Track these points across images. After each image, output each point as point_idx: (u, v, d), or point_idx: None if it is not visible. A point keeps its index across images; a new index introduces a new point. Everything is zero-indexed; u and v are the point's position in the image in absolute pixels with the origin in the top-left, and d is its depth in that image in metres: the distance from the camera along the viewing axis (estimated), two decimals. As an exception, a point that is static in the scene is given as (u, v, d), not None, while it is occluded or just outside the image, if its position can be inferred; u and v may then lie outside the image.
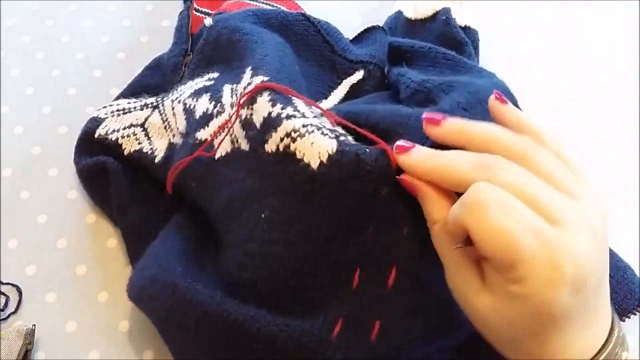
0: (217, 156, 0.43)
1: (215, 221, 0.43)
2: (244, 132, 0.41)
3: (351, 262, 0.36)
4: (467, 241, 0.31)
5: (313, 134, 0.37)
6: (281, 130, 0.38)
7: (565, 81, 0.62)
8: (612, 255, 0.46)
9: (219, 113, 0.44)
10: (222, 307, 0.36)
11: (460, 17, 0.60)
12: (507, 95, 0.39)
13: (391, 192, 0.35)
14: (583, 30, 0.66)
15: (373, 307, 0.35)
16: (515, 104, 0.41)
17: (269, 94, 0.40)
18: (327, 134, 0.37)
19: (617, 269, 0.45)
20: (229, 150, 0.42)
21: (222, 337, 0.36)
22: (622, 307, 0.43)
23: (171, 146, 0.48)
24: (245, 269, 0.39)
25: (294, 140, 0.37)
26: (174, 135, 0.48)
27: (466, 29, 0.59)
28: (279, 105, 0.39)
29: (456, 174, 0.31)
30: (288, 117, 0.38)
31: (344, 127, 0.39)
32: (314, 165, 0.36)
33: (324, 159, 0.36)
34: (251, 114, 0.41)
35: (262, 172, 0.39)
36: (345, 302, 0.35)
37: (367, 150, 0.35)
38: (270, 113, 0.39)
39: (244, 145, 0.41)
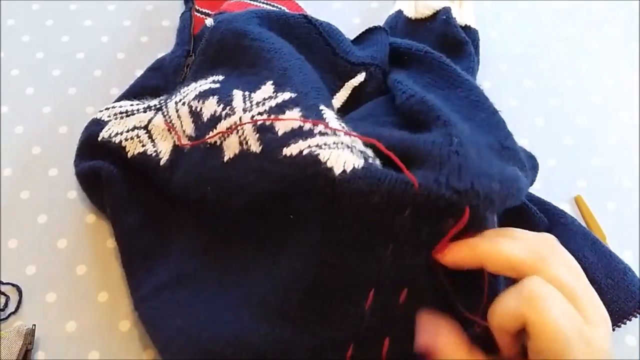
0: (225, 159, 0.42)
1: (236, 222, 0.43)
2: (257, 134, 0.41)
3: (366, 282, 0.36)
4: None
5: (343, 151, 0.37)
6: (312, 141, 0.39)
7: (566, 80, 0.62)
8: (612, 257, 0.46)
9: (228, 115, 0.44)
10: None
11: (461, 17, 0.60)
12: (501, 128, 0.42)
13: (414, 215, 0.35)
14: (583, 29, 0.66)
15: (383, 325, 0.36)
16: (508, 135, 0.43)
17: (299, 110, 0.41)
18: (356, 154, 0.37)
19: (617, 270, 0.45)
20: (237, 152, 0.42)
21: None
22: (623, 309, 0.43)
23: (177, 149, 0.47)
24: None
25: (321, 148, 0.38)
26: (179, 138, 0.48)
27: (466, 29, 0.59)
28: (310, 122, 0.40)
29: (513, 258, 0.32)
30: (321, 133, 0.39)
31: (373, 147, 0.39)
32: (337, 171, 0.36)
33: (348, 169, 0.36)
34: (271, 123, 0.41)
35: (276, 174, 0.39)
36: (357, 321, 0.36)
37: (393, 174, 0.35)
38: (301, 127, 0.40)
39: (255, 147, 0.41)
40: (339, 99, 0.51)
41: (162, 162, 0.47)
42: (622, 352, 0.46)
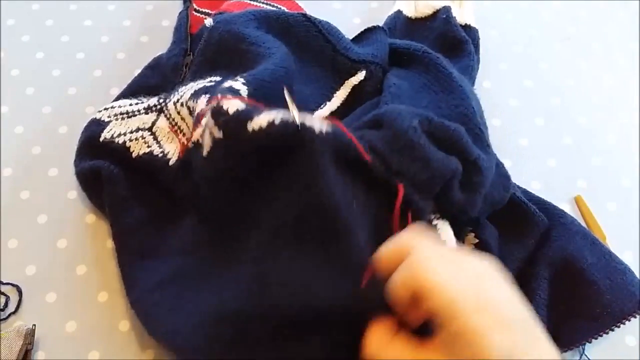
0: (204, 153, 0.42)
1: (231, 215, 0.43)
2: (213, 120, 0.40)
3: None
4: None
5: (309, 116, 0.39)
6: (277, 114, 0.39)
7: (566, 80, 0.62)
8: (612, 257, 0.46)
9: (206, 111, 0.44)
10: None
11: (461, 16, 0.60)
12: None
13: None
14: (583, 29, 0.66)
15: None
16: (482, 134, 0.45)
17: (247, 95, 0.42)
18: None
19: (617, 270, 0.45)
20: (211, 144, 0.42)
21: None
22: (623, 310, 0.43)
23: (185, 150, 0.47)
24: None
25: (293, 116, 0.39)
26: (187, 140, 0.47)
27: (466, 28, 0.59)
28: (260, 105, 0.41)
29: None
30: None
31: None
32: (316, 129, 0.38)
33: (323, 129, 0.38)
34: (218, 102, 0.40)
35: (247, 149, 0.39)
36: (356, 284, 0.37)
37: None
38: (255, 106, 0.40)
39: (217, 134, 0.40)
40: (339, 97, 0.51)
41: (171, 162, 0.47)
42: (622, 352, 0.46)
